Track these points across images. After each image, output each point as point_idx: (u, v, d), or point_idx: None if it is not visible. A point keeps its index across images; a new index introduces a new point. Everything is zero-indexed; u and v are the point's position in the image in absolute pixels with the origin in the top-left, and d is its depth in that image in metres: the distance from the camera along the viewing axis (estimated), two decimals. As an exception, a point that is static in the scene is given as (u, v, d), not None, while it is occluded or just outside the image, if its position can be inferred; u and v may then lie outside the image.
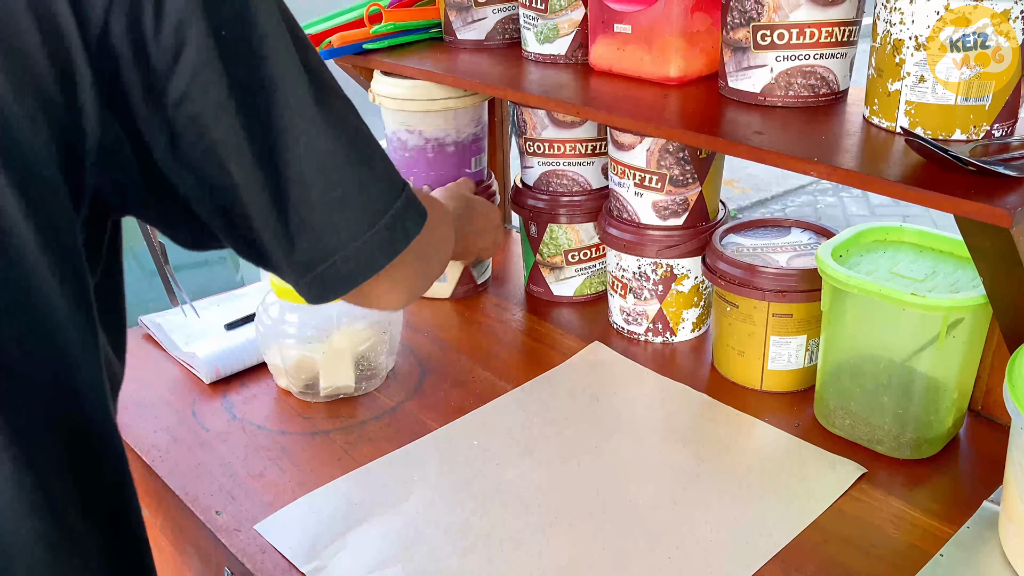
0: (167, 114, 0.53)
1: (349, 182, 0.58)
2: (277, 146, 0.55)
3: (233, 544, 0.87)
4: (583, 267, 1.32)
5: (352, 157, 0.58)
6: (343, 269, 0.59)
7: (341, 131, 0.58)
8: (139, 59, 0.51)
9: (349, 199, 0.58)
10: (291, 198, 0.56)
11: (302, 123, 0.56)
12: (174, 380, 1.16)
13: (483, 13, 1.24)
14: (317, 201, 0.57)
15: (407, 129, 1.26)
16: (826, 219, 3.94)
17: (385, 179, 0.60)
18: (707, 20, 1.01)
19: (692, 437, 1.01)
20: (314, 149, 0.56)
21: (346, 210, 0.58)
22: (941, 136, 0.80)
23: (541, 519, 0.89)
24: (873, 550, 0.84)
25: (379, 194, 0.60)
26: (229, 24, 0.53)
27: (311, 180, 0.56)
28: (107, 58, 0.50)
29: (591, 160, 1.27)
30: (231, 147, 0.54)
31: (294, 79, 0.56)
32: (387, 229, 0.60)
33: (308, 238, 0.57)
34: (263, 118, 0.54)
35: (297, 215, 0.56)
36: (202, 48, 0.51)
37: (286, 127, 0.55)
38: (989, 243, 0.79)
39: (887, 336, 0.94)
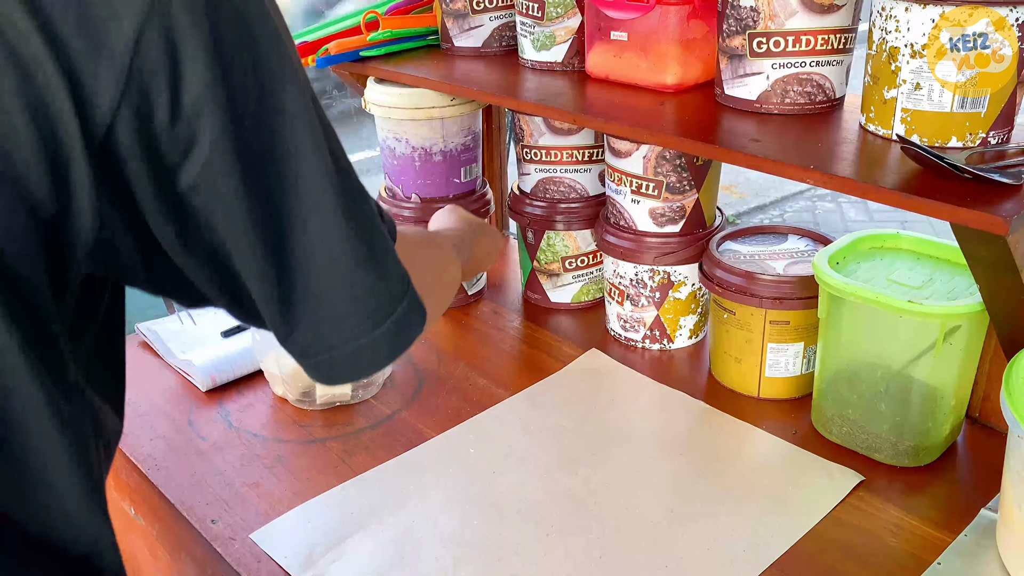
0: (176, 204, 0.49)
1: (357, 283, 0.55)
2: (289, 239, 0.52)
3: (229, 553, 0.87)
4: (580, 274, 1.32)
5: (363, 256, 0.55)
6: (340, 363, 0.57)
7: (356, 227, 0.55)
8: (148, 154, 0.47)
9: (354, 299, 0.55)
10: (296, 290, 0.54)
11: (319, 219, 0.53)
12: (170, 388, 1.16)
13: (480, 20, 1.24)
14: (323, 297, 0.54)
15: (395, 137, 1.26)
16: (824, 225, 3.94)
17: (393, 278, 0.58)
18: (703, 27, 1.01)
19: (689, 445, 1.01)
20: (327, 246, 0.53)
21: (350, 309, 0.55)
22: (937, 144, 0.80)
23: (538, 528, 0.89)
24: (871, 559, 0.84)
25: (385, 295, 0.57)
26: (252, 112, 0.49)
27: (319, 275, 0.54)
28: (111, 156, 0.46)
29: (588, 167, 1.27)
30: (240, 237, 0.51)
31: (318, 171, 0.52)
32: (389, 333, 0.58)
33: (307, 330, 0.55)
34: (278, 210, 0.51)
35: (300, 306, 0.54)
36: (218, 138, 0.48)
37: (302, 221, 0.52)
38: (985, 250, 0.79)
39: (884, 343, 0.94)
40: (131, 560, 1.13)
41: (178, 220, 0.50)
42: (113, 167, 0.46)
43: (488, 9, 1.24)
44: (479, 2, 1.23)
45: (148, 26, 0.44)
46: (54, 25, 0.42)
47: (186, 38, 0.45)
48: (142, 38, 0.44)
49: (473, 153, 1.31)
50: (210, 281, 0.54)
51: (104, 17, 0.43)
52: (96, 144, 0.45)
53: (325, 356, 0.57)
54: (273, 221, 0.51)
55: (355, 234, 0.54)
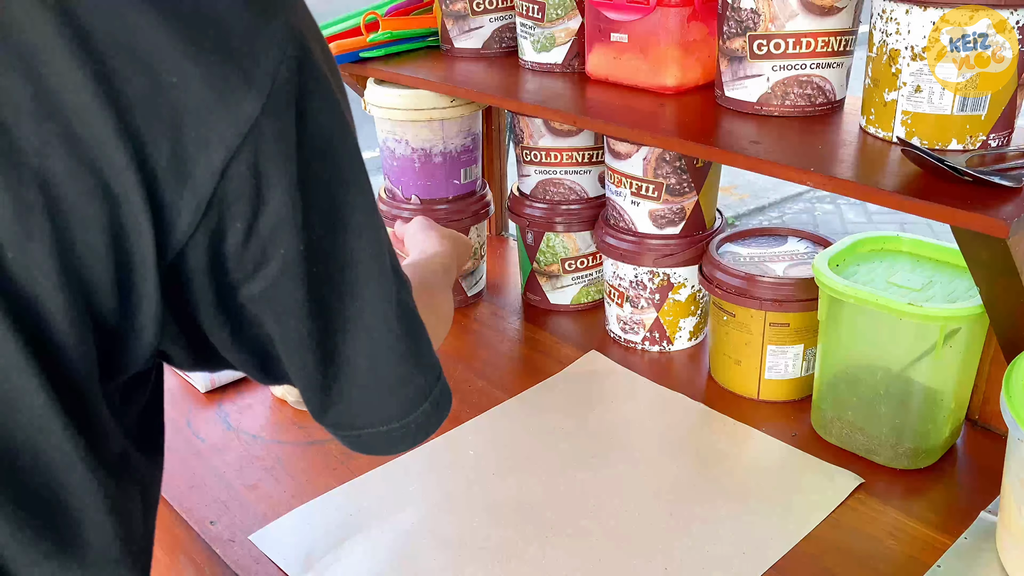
0: (235, 312, 0.50)
1: (397, 376, 0.57)
2: (341, 344, 0.53)
3: (228, 555, 0.87)
4: (580, 276, 1.32)
5: (407, 353, 0.57)
6: (369, 441, 0.59)
7: (405, 327, 0.56)
8: (215, 271, 0.47)
9: (392, 390, 0.57)
10: (339, 384, 0.55)
11: (374, 321, 0.54)
12: (169, 389, 1.16)
13: (480, 22, 1.24)
14: (362, 386, 0.56)
15: (395, 138, 1.26)
16: (823, 226, 3.94)
17: (427, 370, 0.59)
18: (703, 29, 1.01)
19: (688, 447, 1.01)
20: (377, 346, 0.55)
21: (387, 399, 0.57)
22: (938, 146, 0.80)
23: (537, 530, 0.89)
24: (870, 561, 0.84)
25: (420, 387, 0.59)
26: (324, 229, 0.50)
27: (364, 374, 0.55)
28: (179, 273, 0.47)
29: (588, 169, 1.27)
30: (293, 344, 0.52)
31: (379, 279, 0.54)
32: (422, 417, 0.59)
33: (342, 412, 0.57)
34: (334, 316, 0.52)
35: (339, 396, 0.55)
36: (290, 262, 0.49)
37: (356, 326, 0.53)
38: (986, 253, 0.79)
39: (884, 346, 0.94)
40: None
41: (234, 325, 0.51)
42: (179, 283, 0.47)
43: (488, 10, 1.24)
44: (479, 3, 1.23)
45: (237, 158, 0.44)
46: (148, 159, 0.43)
47: (273, 167, 0.46)
48: (229, 169, 0.44)
49: (473, 154, 1.31)
50: (252, 367, 0.55)
51: (195, 149, 0.43)
52: (166, 263, 0.45)
53: (355, 434, 0.59)
54: (328, 328, 0.52)
55: (403, 334, 0.56)
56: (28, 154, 0.41)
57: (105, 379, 0.48)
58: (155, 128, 0.43)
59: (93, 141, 0.41)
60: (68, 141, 0.41)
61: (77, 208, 0.42)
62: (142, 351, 0.48)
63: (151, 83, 0.42)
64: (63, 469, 0.46)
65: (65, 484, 0.46)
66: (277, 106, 0.45)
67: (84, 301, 0.44)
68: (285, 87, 0.45)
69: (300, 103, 0.46)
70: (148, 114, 0.42)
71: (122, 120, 0.42)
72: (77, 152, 0.41)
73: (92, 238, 0.43)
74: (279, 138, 0.45)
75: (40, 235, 0.42)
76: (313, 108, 0.47)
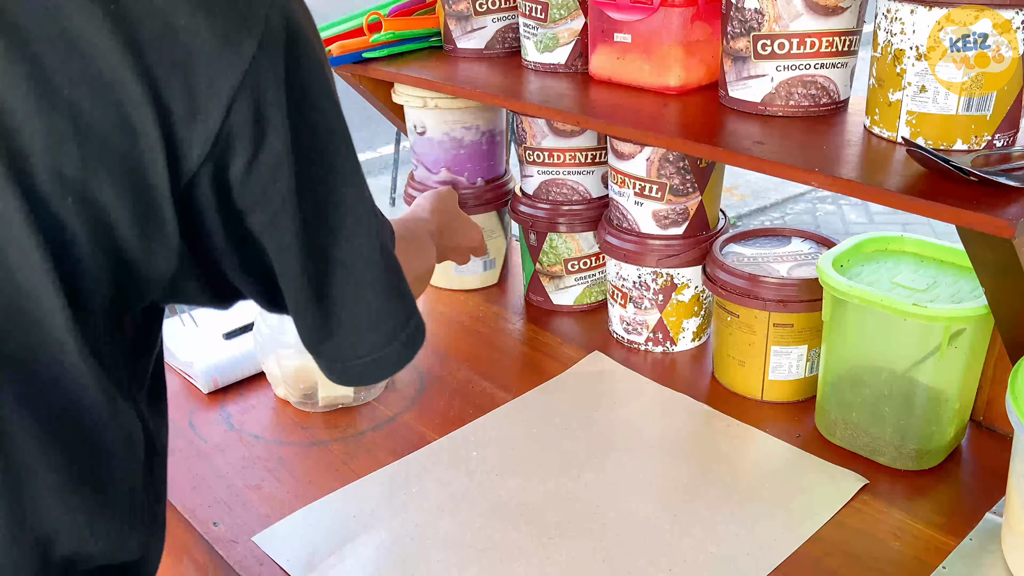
0: (244, 242, 0.56)
1: (380, 311, 0.63)
2: (333, 276, 0.60)
3: (231, 556, 0.87)
4: (583, 276, 1.31)
5: (390, 286, 0.64)
6: (359, 370, 0.66)
7: (386, 261, 0.63)
8: (223, 201, 0.53)
9: (377, 323, 0.64)
10: (331, 314, 0.61)
11: (360, 259, 0.61)
12: (172, 390, 1.16)
13: (483, 22, 1.24)
14: (354, 320, 0.62)
15: (464, 126, 1.32)
16: (825, 227, 3.94)
17: (407, 304, 0.66)
18: (707, 30, 1.01)
19: (692, 448, 1.01)
20: (363, 283, 0.62)
21: (372, 331, 0.64)
22: (942, 146, 0.80)
23: (540, 532, 0.89)
24: (875, 563, 0.84)
25: (401, 319, 0.66)
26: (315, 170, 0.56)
27: (352, 305, 0.62)
28: (193, 202, 0.52)
29: (591, 169, 1.26)
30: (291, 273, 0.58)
31: (364, 219, 0.60)
32: (402, 346, 0.66)
33: (335, 344, 0.63)
34: (326, 253, 0.59)
35: (331, 326, 0.62)
36: (287, 197, 0.55)
37: (345, 262, 0.60)
38: (991, 254, 0.79)
39: (888, 346, 0.93)
40: (132, 562, 1.13)
41: (242, 253, 0.57)
42: (193, 212, 0.53)
43: (491, 11, 1.24)
44: (482, 4, 1.22)
45: (240, 97, 0.50)
46: (162, 97, 0.48)
47: (269, 107, 0.51)
48: (233, 106, 0.50)
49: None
50: (259, 294, 0.61)
51: (204, 86, 0.49)
52: (180, 193, 0.51)
53: (347, 364, 0.65)
54: (320, 265, 0.59)
55: (385, 271, 0.63)
56: (59, 85, 0.46)
57: (123, 307, 0.54)
58: (168, 69, 0.48)
59: (113, 79, 0.47)
60: (92, 78, 0.46)
61: (102, 137, 0.47)
62: (159, 277, 0.53)
63: (163, 27, 0.48)
64: (78, 389, 0.52)
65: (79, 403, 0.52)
66: (270, 49, 0.51)
67: (106, 225, 0.49)
68: (275, 32, 0.51)
69: (288, 50, 0.52)
70: (161, 56, 0.48)
71: (138, 61, 0.47)
72: (100, 88, 0.47)
73: (114, 165, 0.48)
74: (274, 80, 0.51)
75: (68, 160, 0.47)
76: (300, 59, 0.53)
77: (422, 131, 1.33)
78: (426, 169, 1.37)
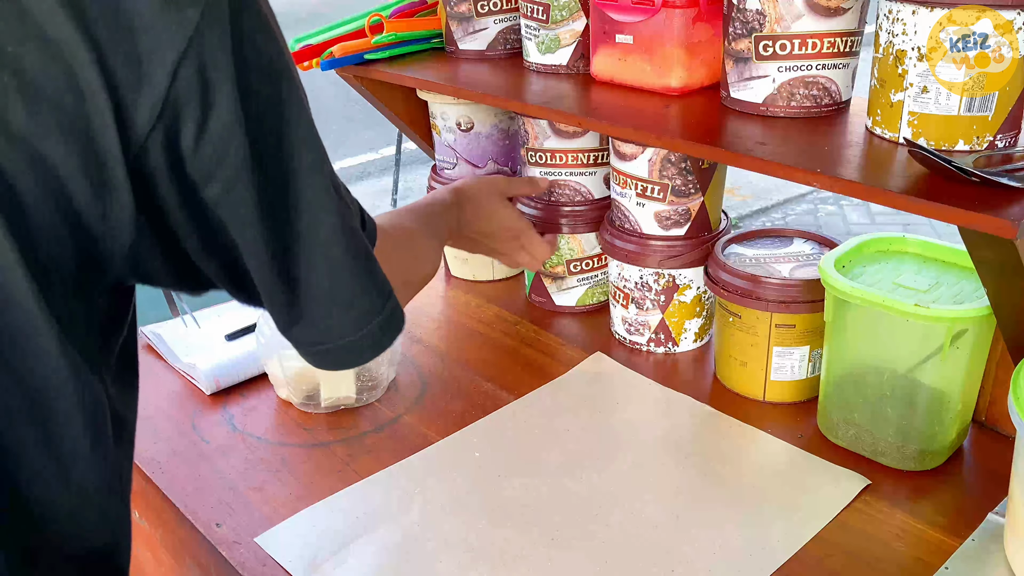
0: (201, 216, 0.56)
1: (350, 293, 0.64)
2: (295, 250, 0.60)
3: (233, 557, 0.87)
4: (585, 277, 1.32)
5: (358, 266, 0.64)
6: (334, 354, 0.66)
7: (351, 239, 0.63)
8: (176, 171, 0.53)
9: (350, 302, 0.64)
10: (300, 293, 0.62)
11: (322, 236, 0.61)
12: (174, 391, 1.16)
13: (484, 23, 1.24)
14: (323, 300, 0.63)
15: (510, 116, 1.36)
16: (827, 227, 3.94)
17: (379, 285, 0.66)
18: (709, 30, 1.01)
19: (694, 449, 1.01)
20: (329, 262, 0.62)
21: (346, 311, 0.64)
22: (944, 147, 0.80)
23: (543, 533, 0.89)
24: (877, 564, 0.84)
25: (375, 299, 0.66)
26: (270, 139, 0.56)
27: (320, 282, 0.62)
28: (145, 170, 0.52)
29: (593, 170, 1.27)
30: (254, 249, 0.58)
31: (320, 191, 0.60)
32: (378, 330, 0.67)
33: (307, 326, 0.64)
34: (288, 228, 0.59)
35: (303, 306, 0.62)
36: (244, 161, 0.55)
37: (308, 239, 0.60)
38: (993, 254, 0.79)
39: (890, 347, 0.93)
40: (135, 564, 1.13)
41: (203, 231, 0.57)
42: (147, 181, 0.53)
43: (492, 12, 1.24)
44: (483, 5, 1.23)
45: (185, 61, 0.51)
46: (108, 62, 0.49)
47: (216, 73, 0.52)
48: (179, 71, 0.50)
49: None
50: (227, 280, 0.62)
51: (149, 52, 0.50)
52: (131, 159, 0.51)
53: (323, 347, 0.66)
54: (283, 242, 0.59)
55: (351, 250, 0.63)
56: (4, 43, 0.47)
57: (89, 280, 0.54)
58: (113, 34, 0.49)
59: (60, 41, 0.48)
60: (38, 39, 0.48)
61: (50, 97, 0.48)
62: (120, 248, 0.54)
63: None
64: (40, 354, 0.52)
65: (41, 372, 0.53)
66: (214, 16, 0.51)
67: (59, 187, 0.50)
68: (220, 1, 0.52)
69: (235, 19, 0.52)
70: (106, 22, 0.49)
71: (84, 27, 0.48)
72: (49, 49, 0.48)
73: (64, 125, 0.49)
74: (219, 46, 0.52)
75: (14, 113, 0.48)
76: (248, 26, 0.53)
77: (468, 127, 1.33)
78: (471, 165, 1.37)
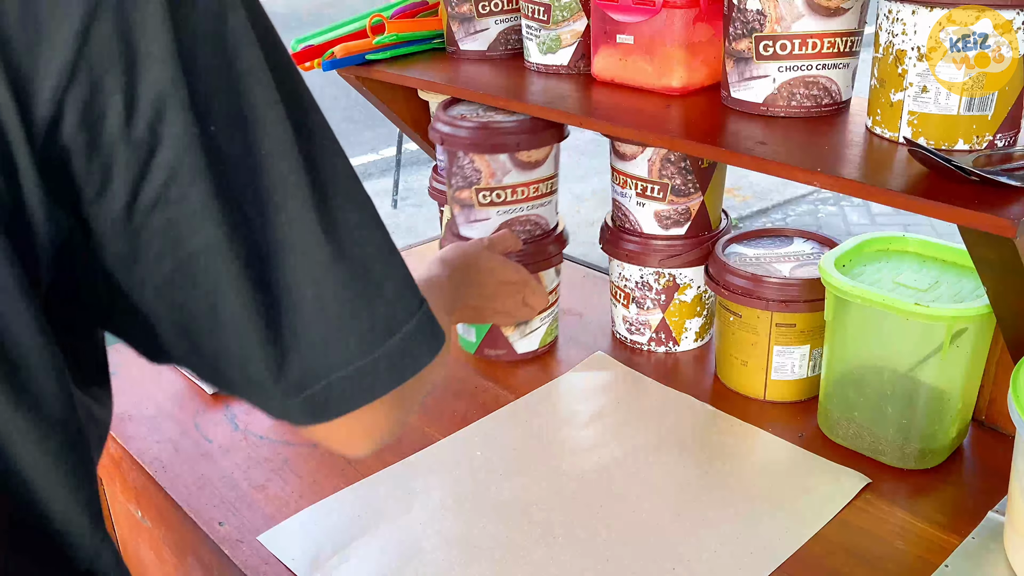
0: (133, 220, 0.45)
1: (350, 299, 0.50)
2: (268, 259, 0.47)
3: (236, 556, 0.87)
4: (546, 315, 1.20)
5: (355, 272, 0.50)
6: (341, 390, 0.50)
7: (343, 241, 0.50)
8: (98, 155, 0.43)
9: (350, 316, 0.50)
10: (283, 314, 0.48)
11: (299, 233, 0.48)
12: (177, 391, 1.16)
13: (485, 24, 1.25)
14: (313, 317, 0.49)
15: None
16: (827, 228, 3.94)
17: (395, 296, 0.52)
18: (709, 31, 1.02)
19: (695, 448, 1.01)
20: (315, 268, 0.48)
21: (346, 328, 0.50)
22: (944, 146, 0.80)
23: (545, 532, 0.89)
24: (878, 562, 0.84)
25: (388, 313, 0.51)
26: (221, 116, 0.45)
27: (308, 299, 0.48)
28: (59, 152, 0.43)
29: (549, 199, 1.18)
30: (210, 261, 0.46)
31: (294, 182, 0.48)
32: (394, 353, 0.52)
33: (302, 355, 0.49)
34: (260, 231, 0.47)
35: (290, 331, 0.48)
36: (184, 146, 0.44)
37: (287, 242, 0.47)
38: (993, 253, 0.79)
39: (891, 346, 0.94)
40: (137, 563, 1.13)
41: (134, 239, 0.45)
42: (62, 166, 0.43)
43: (494, 12, 1.24)
44: (484, 5, 1.23)
45: (98, 18, 0.41)
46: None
47: (143, 35, 0.42)
48: (91, 31, 0.41)
49: None
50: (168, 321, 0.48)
51: (49, 8, 0.41)
52: (40, 137, 0.42)
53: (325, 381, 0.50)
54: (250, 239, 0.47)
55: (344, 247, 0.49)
56: None
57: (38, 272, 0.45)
58: None
59: None
60: None
61: None
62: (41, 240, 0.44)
63: None
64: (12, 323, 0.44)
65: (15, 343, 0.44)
66: None
67: None
68: None
69: None
70: None
71: None
72: None
73: None
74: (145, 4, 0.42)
75: None
76: None
77: None
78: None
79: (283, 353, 0.48)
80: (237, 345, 0.48)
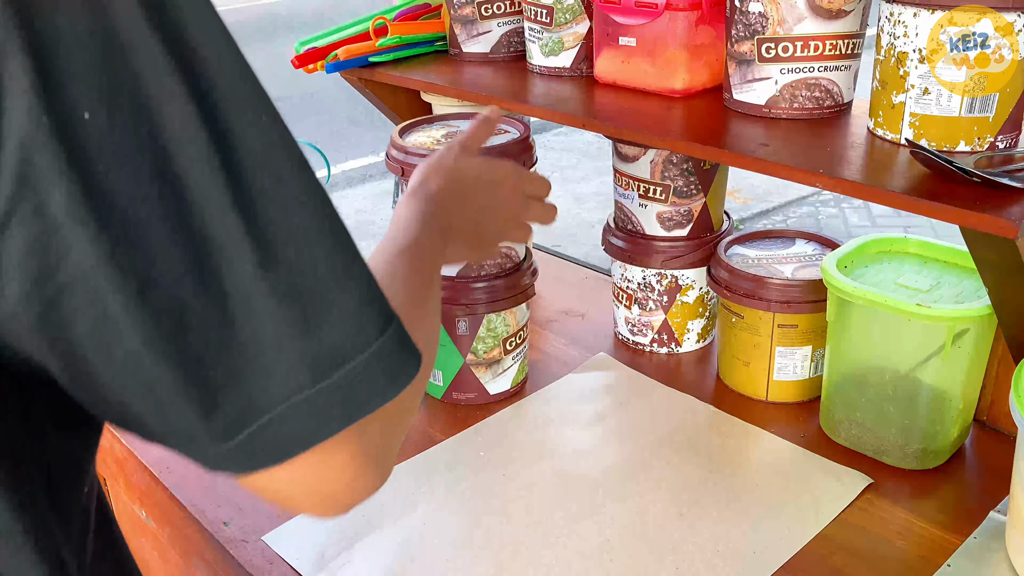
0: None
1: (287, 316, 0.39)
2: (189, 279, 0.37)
3: (241, 555, 0.88)
4: (517, 353, 1.13)
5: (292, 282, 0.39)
6: (282, 430, 0.40)
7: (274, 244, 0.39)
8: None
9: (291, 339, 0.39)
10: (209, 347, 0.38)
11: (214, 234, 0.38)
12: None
13: (488, 26, 1.25)
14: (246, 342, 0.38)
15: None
16: (828, 230, 3.94)
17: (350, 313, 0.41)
18: (711, 33, 1.02)
19: (697, 448, 1.02)
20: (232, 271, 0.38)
21: (284, 354, 0.39)
22: (946, 148, 0.81)
23: (547, 532, 0.89)
24: (880, 562, 0.84)
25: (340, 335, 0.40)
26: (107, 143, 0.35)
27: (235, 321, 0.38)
28: None
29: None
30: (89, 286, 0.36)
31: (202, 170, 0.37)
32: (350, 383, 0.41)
33: (234, 390, 0.38)
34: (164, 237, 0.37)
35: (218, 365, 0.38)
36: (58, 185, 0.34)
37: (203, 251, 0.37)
38: (994, 254, 0.79)
39: (892, 347, 0.94)
40: (142, 564, 1.13)
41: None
42: None
43: (496, 15, 1.25)
44: (487, 8, 1.23)
45: None
46: None
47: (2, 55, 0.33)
48: None
49: None
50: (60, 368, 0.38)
51: None
52: None
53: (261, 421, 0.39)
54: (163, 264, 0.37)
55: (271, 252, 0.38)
56: None
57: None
58: None
59: None
60: None
61: None
62: None
63: None
64: None
65: None
66: None
67: None
68: None
69: None
70: None
71: None
72: None
73: None
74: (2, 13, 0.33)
75: None
76: None
77: None
78: None
79: (213, 395, 0.38)
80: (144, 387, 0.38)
